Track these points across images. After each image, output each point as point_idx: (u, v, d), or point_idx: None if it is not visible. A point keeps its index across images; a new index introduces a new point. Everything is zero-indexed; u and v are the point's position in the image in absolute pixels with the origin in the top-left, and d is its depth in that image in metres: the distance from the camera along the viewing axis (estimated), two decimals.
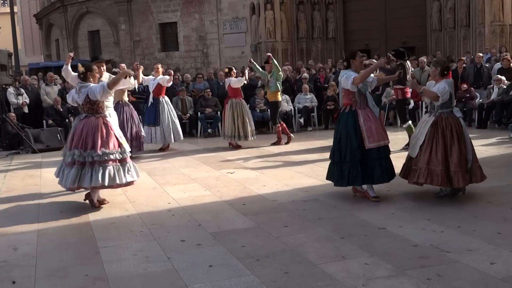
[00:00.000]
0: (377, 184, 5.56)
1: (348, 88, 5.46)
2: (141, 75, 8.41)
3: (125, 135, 7.98)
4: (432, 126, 5.39)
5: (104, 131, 5.50)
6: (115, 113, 6.64)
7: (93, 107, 5.53)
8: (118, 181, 5.49)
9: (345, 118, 5.51)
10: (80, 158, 5.40)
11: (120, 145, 5.59)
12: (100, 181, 5.36)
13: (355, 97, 5.47)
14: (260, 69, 10.11)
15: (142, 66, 8.64)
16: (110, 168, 5.44)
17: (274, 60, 9.90)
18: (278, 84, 9.89)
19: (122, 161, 5.58)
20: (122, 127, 8.35)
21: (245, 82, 9.76)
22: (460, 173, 5.25)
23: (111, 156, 5.46)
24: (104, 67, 6.65)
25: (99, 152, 5.38)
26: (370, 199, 5.52)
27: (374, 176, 5.44)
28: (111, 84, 5.54)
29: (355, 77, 5.37)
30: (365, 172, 5.40)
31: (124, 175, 5.54)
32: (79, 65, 5.72)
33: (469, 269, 3.58)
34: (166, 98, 9.85)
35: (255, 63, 10.22)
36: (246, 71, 10.20)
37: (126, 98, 8.76)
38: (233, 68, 10.17)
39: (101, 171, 5.38)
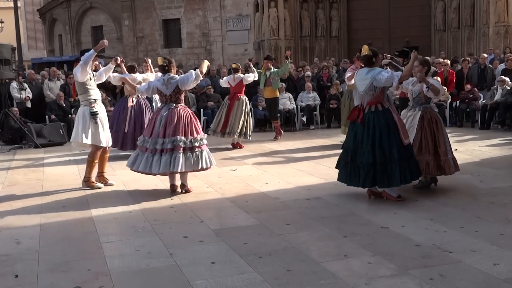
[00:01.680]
0: (415, 180, 5.58)
1: (388, 86, 5.41)
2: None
3: (141, 128, 8.10)
4: (420, 120, 5.74)
5: (194, 119, 6.00)
6: (103, 107, 6.54)
7: (180, 97, 6.00)
8: (210, 164, 6.06)
9: (381, 116, 5.28)
10: (182, 143, 5.78)
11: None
12: (207, 164, 5.95)
13: (383, 94, 5.38)
14: (255, 70, 10.22)
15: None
16: (206, 152, 5.99)
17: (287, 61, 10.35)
18: (279, 81, 10.34)
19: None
20: (140, 119, 8.35)
21: (255, 78, 9.69)
22: (448, 162, 5.74)
23: (204, 141, 6.00)
24: (97, 62, 6.57)
25: (197, 137, 5.91)
26: (393, 199, 5.39)
27: (413, 173, 5.38)
28: (201, 72, 6.05)
29: (403, 75, 5.33)
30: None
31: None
32: (159, 58, 6.12)
33: (472, 270, 3.57)
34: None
35: (251, 64, 10.49)
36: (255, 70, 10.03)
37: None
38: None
39: (201, 155, 5.92)
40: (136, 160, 5.96)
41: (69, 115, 11.38)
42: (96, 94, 6.34)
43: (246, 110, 9.45)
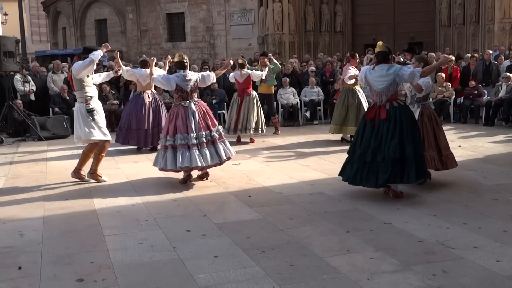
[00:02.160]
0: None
1: (411, 82, 5.52)
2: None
3: (158, 125, 8.17)
4: (420, 116, 5.85)
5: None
6: (100, 103, 6.46)
7: (197, 93, 6.32)
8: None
9: (407, 110, 5.32)
10: (212, 136, 6.09)
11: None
12: (232, 153, 6.30)
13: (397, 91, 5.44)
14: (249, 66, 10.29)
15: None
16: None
17: (274, 60, 10.40)
18: (274, 78, 10.41)
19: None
20: (157, 114, 8.33)
21: (263, 77, 9.66)
22: (450, 156, 5.98)
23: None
24: None
25: (219, 128, 6.23)
26: (400, 196, 5.38)
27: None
28: (217, 75, 6.50)
29: (424, 70, 5.38)
30: None
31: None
32: (177, 55, 6.33)
33: (474, 266, 3.57)
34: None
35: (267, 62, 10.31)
36: (267, 68, 9.87)
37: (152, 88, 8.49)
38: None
39: (226, 145, 6.27)
40: (176, 158, 5.92)
41: (73, 108, 11.35)
42: (92, 91, 6.25)
43: (258, 104, 9.44)
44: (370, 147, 5.22)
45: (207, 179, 6.36)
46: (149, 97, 8.35)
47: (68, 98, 11.46)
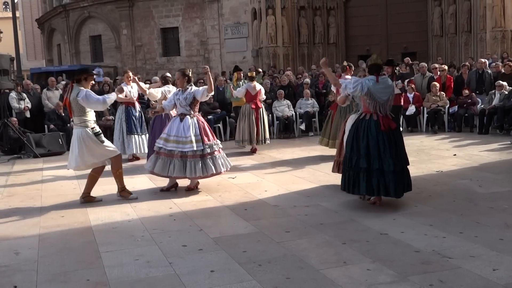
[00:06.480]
0: None
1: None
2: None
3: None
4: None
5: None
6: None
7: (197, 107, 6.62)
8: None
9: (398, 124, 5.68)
10: (209, 149, 6.37)
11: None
12: (229, 165, 6.63)
13: None
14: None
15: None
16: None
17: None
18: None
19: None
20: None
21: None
22: None
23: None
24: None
25: (216, 141, 6.51)
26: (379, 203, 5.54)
27: None
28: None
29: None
30: None
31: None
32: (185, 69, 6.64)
33: (471, 275, 3.57)
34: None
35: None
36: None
37: None
38: None
39: (224, 157, 6.58)
40: (202, 165, 6.31)
41: (68, 125, 11.37)
42: (92, 115, 6.04)
43: (265, 116, 9.83)
44: (388, 156, 5.24)
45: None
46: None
47: (63, 114, 11.46)
